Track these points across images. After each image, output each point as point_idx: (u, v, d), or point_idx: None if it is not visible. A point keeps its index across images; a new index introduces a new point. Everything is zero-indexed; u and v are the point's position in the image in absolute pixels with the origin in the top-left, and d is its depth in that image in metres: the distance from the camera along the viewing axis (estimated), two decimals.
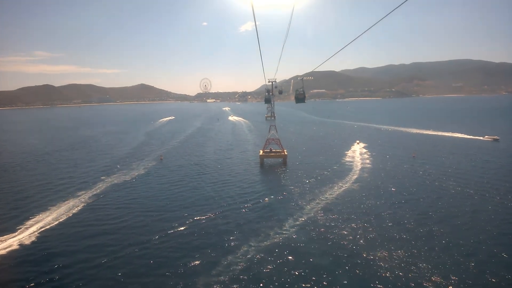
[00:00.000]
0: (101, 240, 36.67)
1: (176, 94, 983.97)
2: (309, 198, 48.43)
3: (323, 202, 46.76)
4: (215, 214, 43.47)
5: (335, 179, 58.14)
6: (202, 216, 42.62)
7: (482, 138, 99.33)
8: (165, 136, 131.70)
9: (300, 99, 65.74)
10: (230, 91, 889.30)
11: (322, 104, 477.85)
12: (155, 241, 36.03)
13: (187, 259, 31.95)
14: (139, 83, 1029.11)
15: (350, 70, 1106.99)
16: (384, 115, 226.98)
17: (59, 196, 52.57)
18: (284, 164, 71.77)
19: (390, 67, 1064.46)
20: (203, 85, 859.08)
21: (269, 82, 78.38)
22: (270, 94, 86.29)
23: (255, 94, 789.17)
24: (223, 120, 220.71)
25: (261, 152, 75.45)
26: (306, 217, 41.47)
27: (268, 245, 34.34)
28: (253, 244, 34.55)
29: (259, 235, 36.56)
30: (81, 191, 54.85)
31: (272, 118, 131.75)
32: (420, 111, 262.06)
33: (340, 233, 36.80)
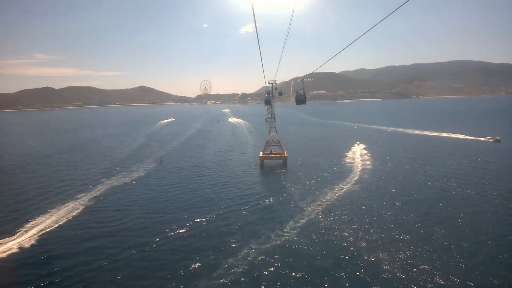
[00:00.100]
0: (101, 243, 36.54)
1: (176, 96, 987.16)
2: (309, 200, 48.32)
3: (323, 203, 46.63)
4: (215, 216, 43.34)
5: (336, 181, 58.03)
6: (202, 218, 42.51)
7: (483, 139, 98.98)
8: (165, 138, 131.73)
9: (300, 101, 65.84)
10: (230, 93, 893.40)
11: (322, 105, 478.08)
12: (155, 243, 35.88)
13: (187, 261, 31.80)
14: (139, 85, 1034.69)
15: (350, 71, 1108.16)
16: (384, 116, 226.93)
17: (59, 199, 52.49)
18: (284, 165, 71.65)
19: (390, 68, 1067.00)
20: (203, 87, 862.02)
21: (269, 84, 78.31)
22: (270, 95, 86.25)
23: (255, 95, 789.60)
24: (223, 122, 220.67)
25: (261, 153, 75.31)
26: (307, 218, 41.34)
27: (269, 247, 34.19)
28: (253, 246, 34.40)
29: (260, 237, 36.42)
30: (81, 194, 54.77)
31: (272, 120, 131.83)
32: (420, 112, 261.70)
33: (341, 234, 36.66)
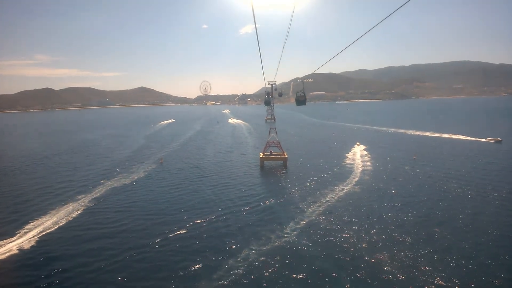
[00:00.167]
0: (100, 244, 36.44)
1: (176, 97, 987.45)
2: (310, 201, 48.21)
3: (324, 204, 46.54)
4: (216, 217, 43.24)
5: (336, 182, 57.94)
6: (202, 219, 42.41)
7: (484, 140, 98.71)
8: (165, 139, 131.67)
9: (301, 102, 65.66)
10: (230, 93, 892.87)
11: (322, 106, 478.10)
12: (155, 244, 35.79)
13: (187, 262, 31.71)
14: (139, 86, 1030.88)
15: (350, 72, 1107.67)
16: (384, 117, 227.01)
17: (59, 200, 52.38)
18: (284, 166, 71.57)
19: (390, 69, 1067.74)
20: (203, 87, 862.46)
21: (269, 85, 78.26)
22: (270, 96, 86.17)
23: (255, 96, 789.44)
24: (223, 122, 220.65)
25: (261, 154, 75.23)
26: (307, 220, 41.24)
27: (269, 248, 34.10)
28: (254, 247, 34.31)
29: (260, 239, 36.32)
30: (80, 195, 54.66)
31: (272, 121, 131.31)
32: (421, 112, 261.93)
33: (342, 236, 36.57)
